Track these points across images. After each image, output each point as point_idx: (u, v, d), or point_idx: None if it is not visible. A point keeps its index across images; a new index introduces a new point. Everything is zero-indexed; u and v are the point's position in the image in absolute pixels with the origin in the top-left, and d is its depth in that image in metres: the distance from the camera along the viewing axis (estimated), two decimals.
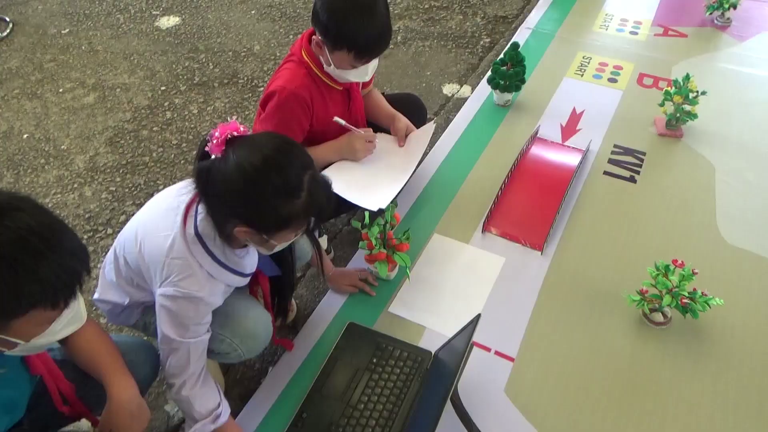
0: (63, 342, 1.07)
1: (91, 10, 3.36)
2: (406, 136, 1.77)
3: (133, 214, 1.25)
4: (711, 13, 2.90)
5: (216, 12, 3.27)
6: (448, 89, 2.66)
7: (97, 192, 2.20)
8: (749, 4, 3.02)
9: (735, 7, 2.83)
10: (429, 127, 1.78)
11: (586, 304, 1.66)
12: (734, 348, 1.56)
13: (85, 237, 2.01)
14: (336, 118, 1.51)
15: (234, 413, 1.42)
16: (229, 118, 1.06)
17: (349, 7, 1.34)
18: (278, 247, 1.12)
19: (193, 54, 2.93)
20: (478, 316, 1.31)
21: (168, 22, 3.20)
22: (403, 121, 1.73)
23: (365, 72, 1.48)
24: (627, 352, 1.54)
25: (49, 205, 2.15)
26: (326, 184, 1.08)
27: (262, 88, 2.69)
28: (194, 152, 2.37)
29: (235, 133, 1.00)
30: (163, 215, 1.12)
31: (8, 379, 0.92)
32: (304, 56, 1.51)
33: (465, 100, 2.48)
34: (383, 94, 1.87)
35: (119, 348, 1.10)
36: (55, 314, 0.80)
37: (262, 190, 0.97)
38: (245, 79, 2.76)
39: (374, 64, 1.49)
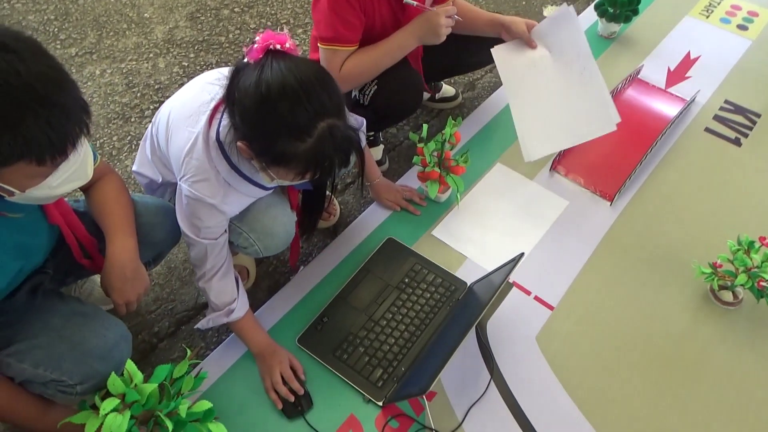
0: (86, 194, 1.06)
1: None
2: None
3: None
4: None
5: None
6: (550, 11, 2.44)
7: (170, 65, 2.20)
8: None
9: None
10: (566, 12, 1.48)
11: (648, 266, 1.53)
12: None
13: (152, 107, 2.02)
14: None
15: (259, 304, 1.43)
16: (283, 29, 0.97)
17: None
18: (278, 182, 1.05)
19: None
20: (521, 254, 1.22)
21: None
22: (521, 22, 1.50)
23: None
24: (681, 327, 1.41)
25: (124, 71, 2.18)
26: (347, 140, 0.96)
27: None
28: (228, 37, 2.30)
29: (278, 46, 0.92)
30: (196, 106, 1.08)
31: (25, 224, 0.92)
32: None
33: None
34: None
35: (138, 208, 1.09)
36: (47, 170, 0.78)
37: (268, 117, 0.91)
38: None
39: None
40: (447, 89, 1.96)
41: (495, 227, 1.59)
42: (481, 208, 1.63)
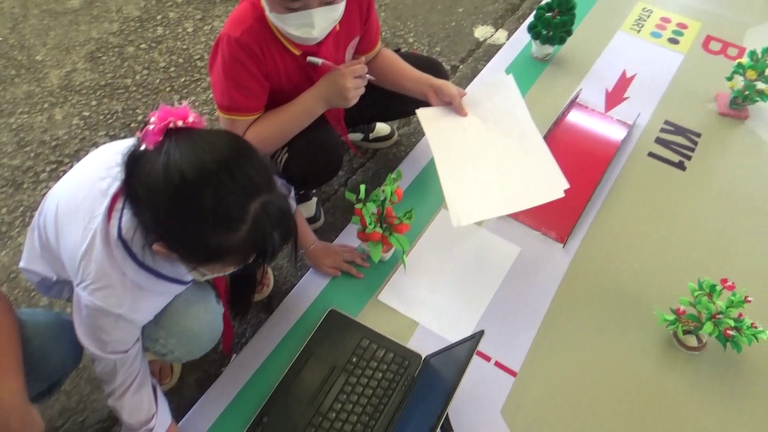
0: None
1: None
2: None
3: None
4: None
5: None
6: (481, 32, 2.41)
7: (69, 116, 1.96)
8: None
9: None
10: (504, 80, 1.45)
11: (609, 313, 1.45)
12: None
13: (48, 169, 1.78)
14: (310, 58, 1.23)
15: (187, 405, 1.26)
16: (180, 103, 0.82)
17: None
18: (210, 276, 0.90)
19: None
20: (482, 332, 1.10)
21: None
22: (452, 86, 1.42)
23: (308, 22, 1.13)
24: (648, 376, 1.35)
25: (13, 127, 1.92)
26: (285, 214, 0.85)
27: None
28: (183, 79, 2.11)
29: (180, 123, 0.79)
30: (89, 195, 0.91)
31: None
32: None
33: (499, 47, 2.25)
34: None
35: (27, 332, 0.93)
36: None
37: (190, 212, 0.77)
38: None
39: (327, 14, 1.14)
40: (381, 128, 1.85)
41: (446, 286, 1.48)
42: (429, 264, 1.52)
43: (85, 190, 0.92)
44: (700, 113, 1.99)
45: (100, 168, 0.93)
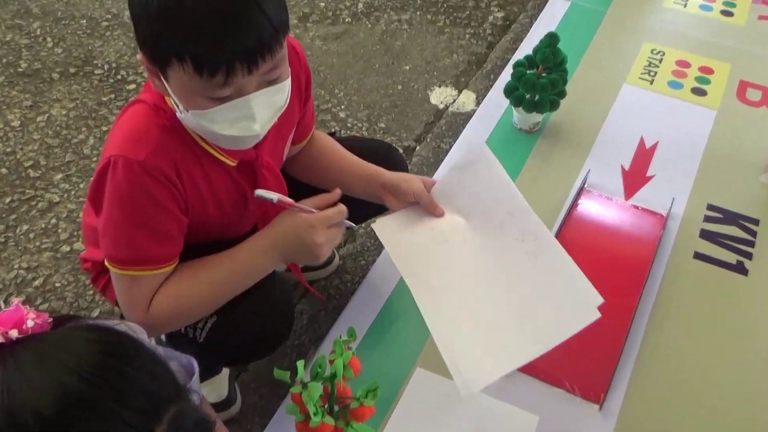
0: None
1: None
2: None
3: None
4: None
5: None
6: (439, 96, 2.48)
7: None
8: None
9: None
10: (477, 152, 1.45)
11: None
12: None
13: None
14: (259, 192, 1.20)
15: None
16: (9, 302, 0.80)
17: None
18: None
19: (21, 21, 2.67)
20: None
21: None
22: (414, 179, 1.45)
23: (246, 114, 1.12)
24: None
25: None
26: (203, 424, 0.81)
27: (134, 88, 2.46)
28: (8, 199, 2.05)
29: (13, 334, 0.75)
30: None
31: None
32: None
33: (466, 116, 2.30)
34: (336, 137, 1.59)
35: None
36: None
37: None
38: (107, 67, 2.53)
39: (270, 99, 1.15)
40: None
41: None
42: None
43: None
44: (752, 189, 2.05)
45: None
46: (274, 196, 1.20)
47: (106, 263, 1.21)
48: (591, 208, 1.97)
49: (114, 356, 0.77)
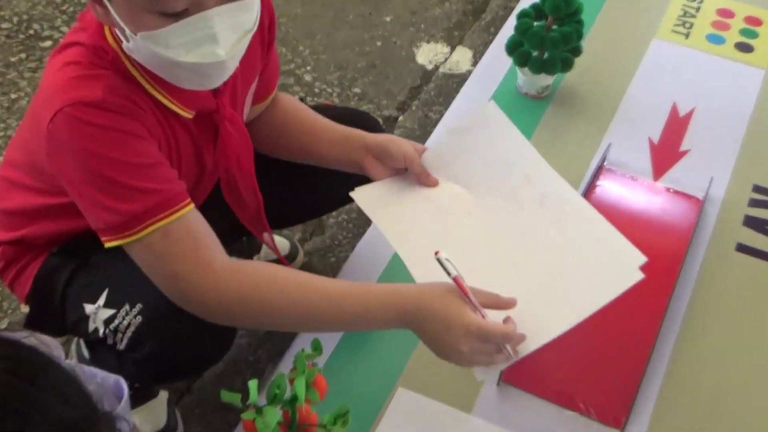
0: None
1: None
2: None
3: None
4: None
5: None
6: (427, 54, 2.41)
7: None
8: None
9: None
10: (486, 111, 1.45)
11: None
12: None
13: None
14: (441, 256, 1.18)
15: None
16: None
17: None
18: None
19: None
20: None
21: None
22: (402, 141, 1.44)
23: (207, 34, 1.10)
24: None
25: None
26: None
27: (50, 45, 2.37)
28: None
29: None
30: None
31: None
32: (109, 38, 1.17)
33: (460, 78, 2.22)
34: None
35: None
36: None
37: None
38: (16, 20, 2.44)
39: (234, 18, 1.12)
40: (278, 242, 1.78)
41: None
42: None
43: None
44: None
45: None
46: (452, 269, 1.16)
47: (116, 242, 1.16)
48: (612, 190, 1.91)
49: (18, 375, 0.76)
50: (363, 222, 1.87)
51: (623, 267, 1.27)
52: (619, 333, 1.66)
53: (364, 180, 1.44)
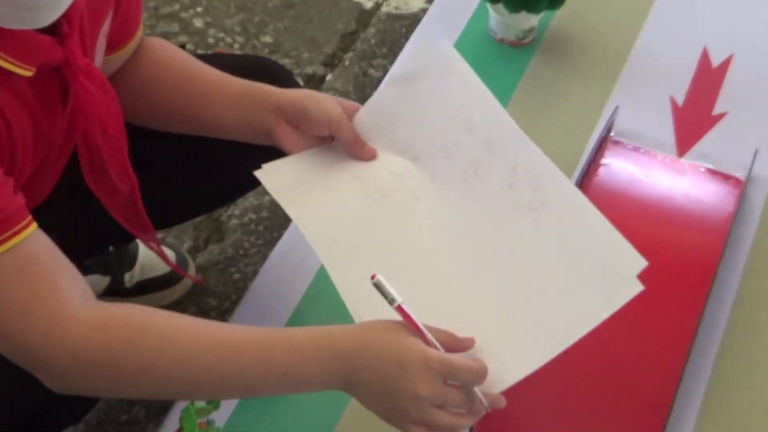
0: None
1: None
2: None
3: None
4: None
5: None
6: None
7: None
8: None
9: None
10: (437, 52, 1.32)
11: None
12: None
13: None
14: (378, 280, 1.02)
15: None
16: None
17: None
18: None
19: None
20: None
21: None
22: (326, 98, 1.29)
23: None
24: None
25: None
26: None
27: None
28: None
29: None
30: None
31: None
32: None
33: (411, 20, 2.08)
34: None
35: None
36: None
37: None
38: None
39: None
40: (153, 259, 1.63)
41: None
42: None
43: None
44: None
45: None
46: (396, 296, 1.02)
47: None
48: (621, 169, 1.68)
49: None
50: (279, 221, 1.68)
51: (617, 275, 1.10)
52: (642, 359, 1.47)
53: (277, 154, 1.25)
